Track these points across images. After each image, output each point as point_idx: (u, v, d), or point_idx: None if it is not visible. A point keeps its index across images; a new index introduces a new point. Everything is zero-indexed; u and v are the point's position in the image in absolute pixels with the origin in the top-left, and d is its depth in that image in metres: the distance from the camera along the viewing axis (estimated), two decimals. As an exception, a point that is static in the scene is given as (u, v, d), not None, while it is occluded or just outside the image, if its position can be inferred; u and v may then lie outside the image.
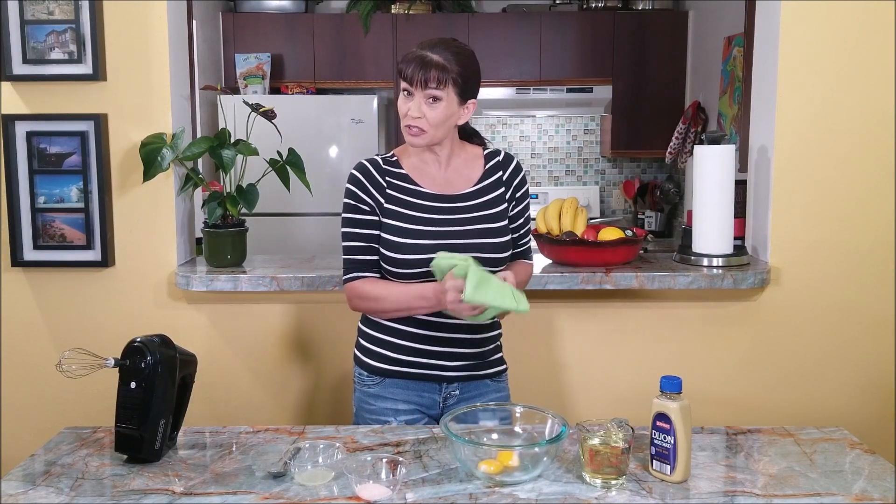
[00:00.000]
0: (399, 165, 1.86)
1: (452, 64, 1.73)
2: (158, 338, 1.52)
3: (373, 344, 1.86)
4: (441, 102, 1.74)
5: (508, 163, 1.91)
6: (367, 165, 1.84)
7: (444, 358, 1.83)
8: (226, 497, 1.37)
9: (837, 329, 2.31)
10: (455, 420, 1.50)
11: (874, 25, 2.22)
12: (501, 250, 1.84)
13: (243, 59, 4.67)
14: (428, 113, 1.74)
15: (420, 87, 1.73)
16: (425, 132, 1.76)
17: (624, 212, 5.38)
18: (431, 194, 1.84)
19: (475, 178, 1.88)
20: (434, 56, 1.73)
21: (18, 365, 2.36)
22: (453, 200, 1.84)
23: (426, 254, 1.75)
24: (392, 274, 1.80)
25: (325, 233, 4.54)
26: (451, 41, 1.79)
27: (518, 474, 1.40)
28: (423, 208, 1.82)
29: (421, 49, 1.75)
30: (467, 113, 1.81)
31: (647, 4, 4.90)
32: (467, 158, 1.90)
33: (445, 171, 1.87)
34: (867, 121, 2.25)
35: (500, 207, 1.87)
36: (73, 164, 2.26)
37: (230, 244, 2.29)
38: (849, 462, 1.51)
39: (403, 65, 1.75)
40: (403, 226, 1.79)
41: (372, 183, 1.82)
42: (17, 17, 2.22)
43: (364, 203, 1.81)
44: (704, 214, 2.28)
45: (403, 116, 1.77)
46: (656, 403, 1.41)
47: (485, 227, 1.83)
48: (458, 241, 1.79)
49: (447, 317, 1.78)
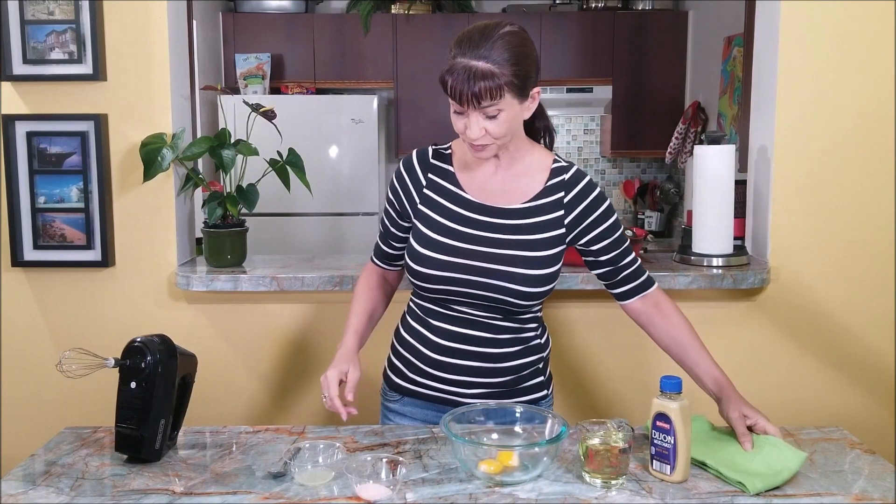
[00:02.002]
0: (450, 161, 1.66)
1: (504, 66, 1.46)
2: (158, 338, 1.52)
3: (396, 358, 1.76)
4: (501, 113, 1.49)
5: (576, 183, 1.62)
6: (412, 159, 1.67)
7: (462, 385, 1.67)
8: (226, 497, 1.37)
9: (837, 329, 2.31)
10: (455, 420, 1.50)
11: (874, 25, 2.22)
12: (539, 283, 1.58)
13: (243, 59, 4.68)
14: (490, 127, 1.50)
15: (473, 106, 1.47)
16: (491, 145, 1.55)
17: (624, 212, 5.38)
18: (474, 203, 1.63)
19: (533, 191, 1.62)
20: (480, 63, 1.45)
21: (18, 365, 2.36)
22: (498, 215, 1.61)
23: (448, 271, 1.59)
24: (414, 283, 1.67)
25: (325, 233, 4.55)
26: (494, 29, 1.48)
27: (518, 474, 1.40)
28: (458, 218, 1.62)
29: (462, 54, 1.47)
30: (533, 104, 1.57)
31: (647, 4, 4.91)
32: (532, 165, 1.64)
33: (503, 177, 1.64)
34: (867, 120, 2.25)
35: (554, 233, 1.61)
36: (74, 164, 2.26)
37: (230, 244, 2.29)
38: (849, 462, 1.51)
39: (447, 77, 1.47)
40: (430, 235, 1.62)
41: (412, 179, 1.66)
42: (17, 17, 2.22)
43: (395, 197, 1.69)
44: (704, 214, 2.28)
45: (461, 134, 1.54)
46: (656, 403, 1.41)
47: (527, 254, 1.58)
48: (488, 264, 1.58)
49: (469, 343, 1.64)
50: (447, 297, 1.63)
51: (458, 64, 1.47)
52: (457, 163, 1.66)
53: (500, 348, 1.66)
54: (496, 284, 1.59)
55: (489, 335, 1.65)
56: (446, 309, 1.66)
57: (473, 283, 1.60)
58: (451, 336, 1.66)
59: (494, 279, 1.58)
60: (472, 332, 1.65)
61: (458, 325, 1.66)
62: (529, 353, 1.70)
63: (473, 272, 1.59)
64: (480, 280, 1.59)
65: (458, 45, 1.49)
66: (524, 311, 1.66)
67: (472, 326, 1.65)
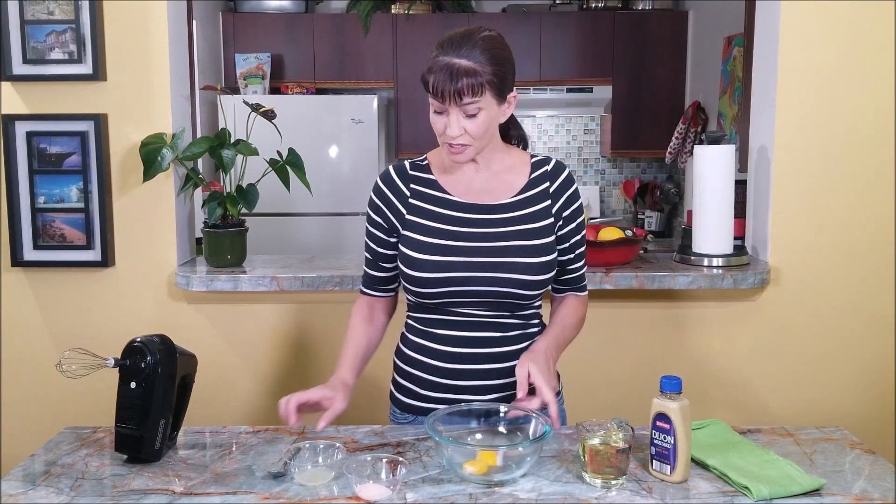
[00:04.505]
0: (429, 170, 1.67)
1: (485, 64, 1.49)
2: (158, 338, 1.52)
3: (404, 378, 1.72)
4: (480, 112, 1.52)
5: (558, 173, 1.67)
6: (391, 173, 1.68)
7: (478, 391, 1.65)
8: (226, 497, 1.37)
9: (837, 329, 2.31)
10: (440, 421, 1.49)
11: (874, 25, 2.22)
12: (541, 271, 1.61)
13: (243, 59, 4.68)
14: (469, 127, 1.53)
15: (454, 103, 1.50)
16: (469, 147, 1.56)
17: (624, 212, 5.38)
18: (462, 204, 1.64)
19: (518, 186, 1.65)
20: (462, 61, 1.48)
21: (18, 365, 2.36)
22: (488, 211, 1.63)
23: (449, 272, 1.58)
24: (413, 294, 1.64)
25: (325, 233, 4.54)
26: (475, 32, 1.53)
27: (502, 475, 1.39)
28: (449, 220, 1.63)
29: (444, 54, 1.50)
30: (509, 108, 1.59)
31: (647, 4, 4.91)
32: (512, 164, 1.67)
33: (485, 177, 1.66)
34: (867, 120, 2.25)
35: (545, 222, 1.64)
36: (73, 164, 2.26)
37: (230, 244, 2.29)
38: (849, 462, 1.50)
39: (429, 76, 1.50)
40: (424, 240, 1.62)
41: (394, 192, 1.66)
42: (17, 17, 2.22)
43: (379, 215, 1.68)
44: (704, 214, 2.28)
45: (440, 134, 1.56)
46: (656, 403, 1.41)
47: (524, 243, 1.60)
48: (488, 258, 1.59)
49: (479, 346, 1.63)
50: (450, 300, 1.62)
51: (441, 62, 1.50)
52: (436, 170, 1.68)
53: (510, 346, 1.65)
54: (499, 277, 1.59)
55: (497, 334, 1.65)
56: (449, 315, 1.65)
57: (476, 280, 1.59)
58: (458, 342, 1.64)
59: (496, 272, 1.58)
60: (479, 333, 1.64)
61: (464, 329, 1.64)
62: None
63: (474, 268, 1.58)
64: (483, 275, 1.59)
65: (439, 47, 1.53)
66: (528, 304, 1.65)
67: (478, 328, 1.64)
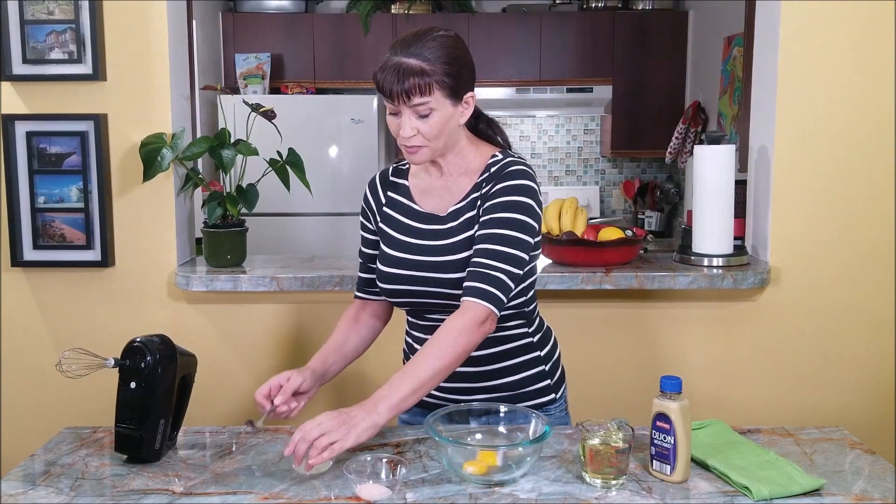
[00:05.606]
0: (406, 175, 1.68)
1: (434, 63, 1.47)
2: (158, 338, 1.52)
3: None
4: (433, 112, 1.49)
5: (501, 171, 1.57)
6: (375, 179, 1.72)
7: (460, 393, 1.65)
8: (226, 497, 1.37)
9: (837, 329, 2.31)
10: (440, 421, 1.49)
11: (874, 25, 2.22)
12: (457, 287, 1.53)
13: (243, 59, 4.68)
14: (421, 127, 1.50)
15: (403, 102, 1.48)
16: (424, 147, 1.53)
17: (624, 212, 5.38)
18: (419, 213, 1.63)
19: (464, 191, 1.60)
20: (410, 60, 1.46)
21: (18, 365, 2.36)
22: (434, 222, 1.61)
23: (402, 284, 1.59)
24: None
25: (325, 233, 4.54)
26: (427, 32, 1.51)
27: (502, 475, 1.39)
28: (409, 231, 1.63)
29: (394, 54, 1.48)
30: (467, 110, 1.56)
31: (647, 4, 4.91)
32: (469, 167, 1.62)
33: (445, 182, 1.63)
34: (867, 121, 2.25)
35: (467, 234, 1.57)
36: (73, 164, 2.26)
37: (230, 244, 2.29)
38: (849, 462, 1.50)
39: (379, 75, 1.48)
40: (387, 251, 1.63)
41: (375, 199, 1.71)
42: (17, 17, 2.22)
43: (366, 219, 1.73)
44: (704, 214, 2.28)
45: (396, 136, 1.53)
46: (656, 403, 1.41)
47: (442, 259, 1.56)
48: (425, 273, 1.58)
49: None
50: (417, 308, 1.64)
51: (390, 62, 1.48)
52: (411, 176, 1.68)
53: (484, 349, 1.60)
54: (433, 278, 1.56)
55: None
56: (423, 320, 1.67)
57: (422, 293, 1.60)
58: None
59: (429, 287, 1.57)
60: None
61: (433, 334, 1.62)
62: (521, 352, 1.66)
63: (417, 282, 1.59)
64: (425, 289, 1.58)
65: (392, 47, 1.51)
66: None
67: None
